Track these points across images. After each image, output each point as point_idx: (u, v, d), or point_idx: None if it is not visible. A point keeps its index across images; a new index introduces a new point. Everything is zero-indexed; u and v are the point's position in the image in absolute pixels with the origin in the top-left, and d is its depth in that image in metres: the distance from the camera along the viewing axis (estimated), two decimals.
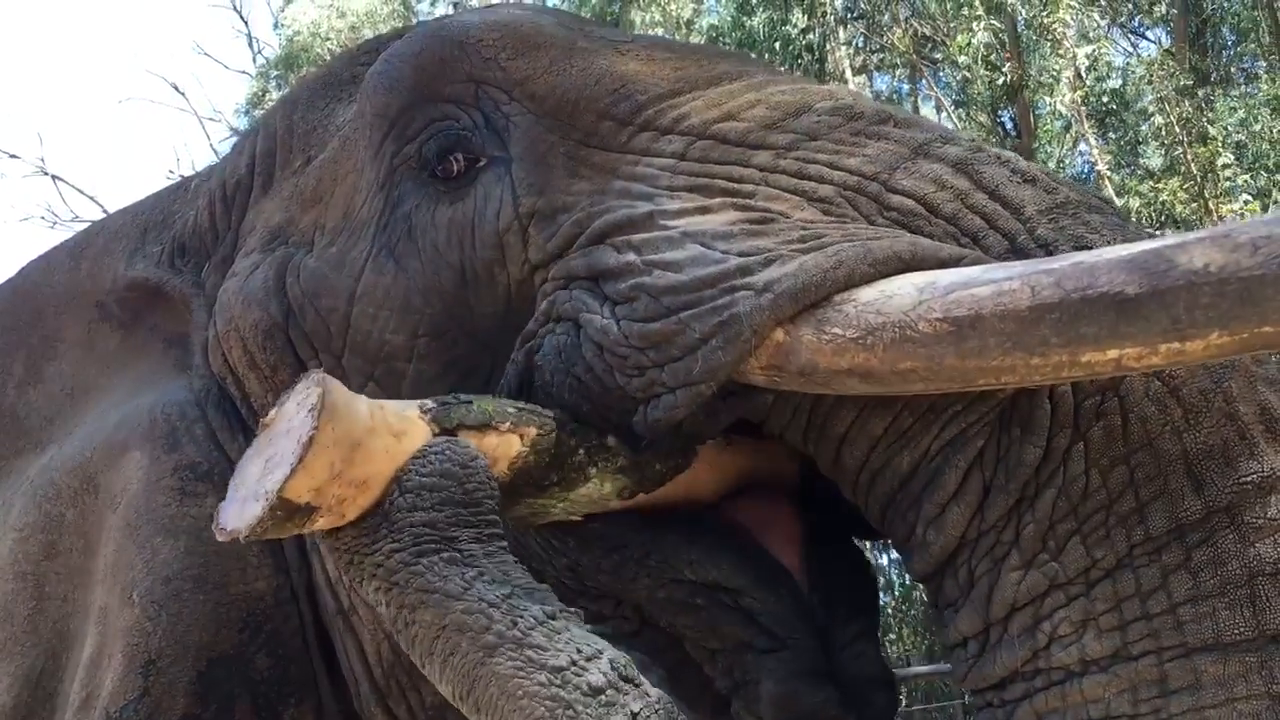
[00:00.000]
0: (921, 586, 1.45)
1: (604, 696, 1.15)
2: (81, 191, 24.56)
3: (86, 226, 2.46)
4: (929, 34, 13.86)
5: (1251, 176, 10.96)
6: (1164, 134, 11.21)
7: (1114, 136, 13.32)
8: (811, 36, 12.80)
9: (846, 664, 1.56)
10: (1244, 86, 13.43)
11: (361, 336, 1.68)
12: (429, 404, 1.33)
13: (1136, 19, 15.34)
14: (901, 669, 10.96)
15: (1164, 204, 10.93)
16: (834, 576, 1.66)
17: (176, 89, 24.52)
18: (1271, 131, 11.19)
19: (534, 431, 1.39)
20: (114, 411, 1.94)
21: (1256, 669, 1.20)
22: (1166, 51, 12.79)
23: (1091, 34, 11.50)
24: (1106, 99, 12.64)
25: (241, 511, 1.19)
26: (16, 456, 2.07)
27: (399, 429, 1.26)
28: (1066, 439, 1.29)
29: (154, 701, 1.64)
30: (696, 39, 13.38)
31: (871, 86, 15.60)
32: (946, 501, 1.34)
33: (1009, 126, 13.94)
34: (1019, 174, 1.41)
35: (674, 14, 14.19)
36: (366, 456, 1.21)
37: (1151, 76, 11.65)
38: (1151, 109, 11.69)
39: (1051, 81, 11.40)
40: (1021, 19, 11.59)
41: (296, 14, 17.35)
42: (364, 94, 1.80)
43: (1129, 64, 13.57)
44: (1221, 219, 9.99)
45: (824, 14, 12.71)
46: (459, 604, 1.20)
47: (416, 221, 1.67)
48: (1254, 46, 13.86)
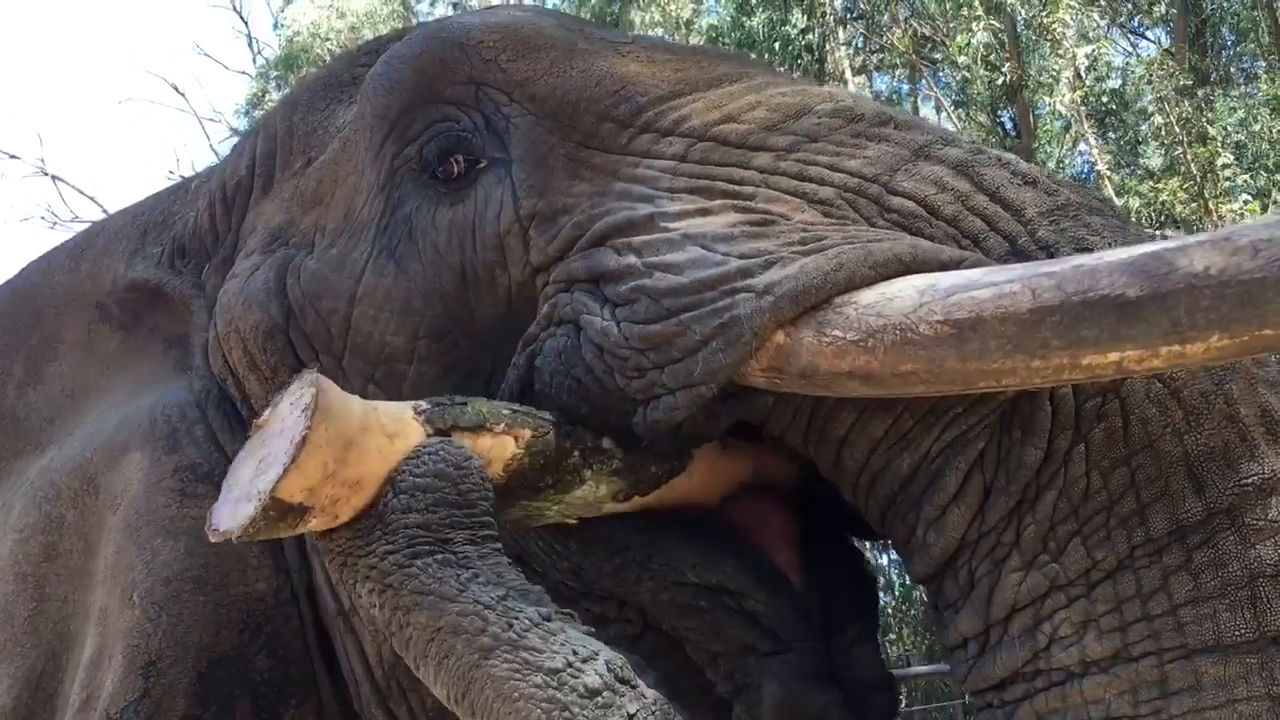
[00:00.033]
0: (922, 587, 1.45)
1: (600, 698, 1.15)
2: (81, 192, 24.51)
3: (86, 227, 2.46)
4: (928, 34, 13.84)
5: (1251, 176, 10.95)
6: (1164, 134, 11.20)
7: (1114, 136, 13.32)
8: (811, 37, 12.79)
9: (847, 666, 1.56)
10: (1244, 86, 13.42)
11: (362, 338, 1.68)
12: (423, 405, 1.32)
13: (1136, 19, 15.34)
14: (901, 669, 10.95)
15: (1164, 204, 10.93)
16: (833, 579, 1.66)
17: (176, 89, 24.43)
18: (1271, 131, 11.18)
19: (528, 433, 1.39)
20: (114, 413, 1.94)
21: (1257, 670, 1.20)
22: (1166, 51, 12.78)
23: (1091, 34, 11.49)
24: (1106, 99, 12.64)
25: (234, 512, 1.18)
26: (16, 458, 2.06)
27: (393, 429, 1.25)
28: (1067, 441, 1.29)
29: (154, 702, 1.64)
30: (696, 39, 13.37)
31: (871, 87, 15.58)
32: (947, 503, 1.34)
33: (1009, 127, 13.94)
34: (1020, 176, 1.42)
35: (673, 14, 14.18)
36: (360, 456, 1.20)
37: (1151, 76, 11.64)
38: (1151, 109, 11.69)
39: (1051, 81, 11.39)
40: (1021, 19, 11.57)
41: (296, 14, 17.33)
42: (364, 96, 1.80)
43: (1129, 64, 13.57)
44: (1221, 219, 9.99)
45: (823, 14, 12.70)
46: (454, 606, 1.19)
47: (417, 223, 1.67)
48: (1254, 46, 13.85)
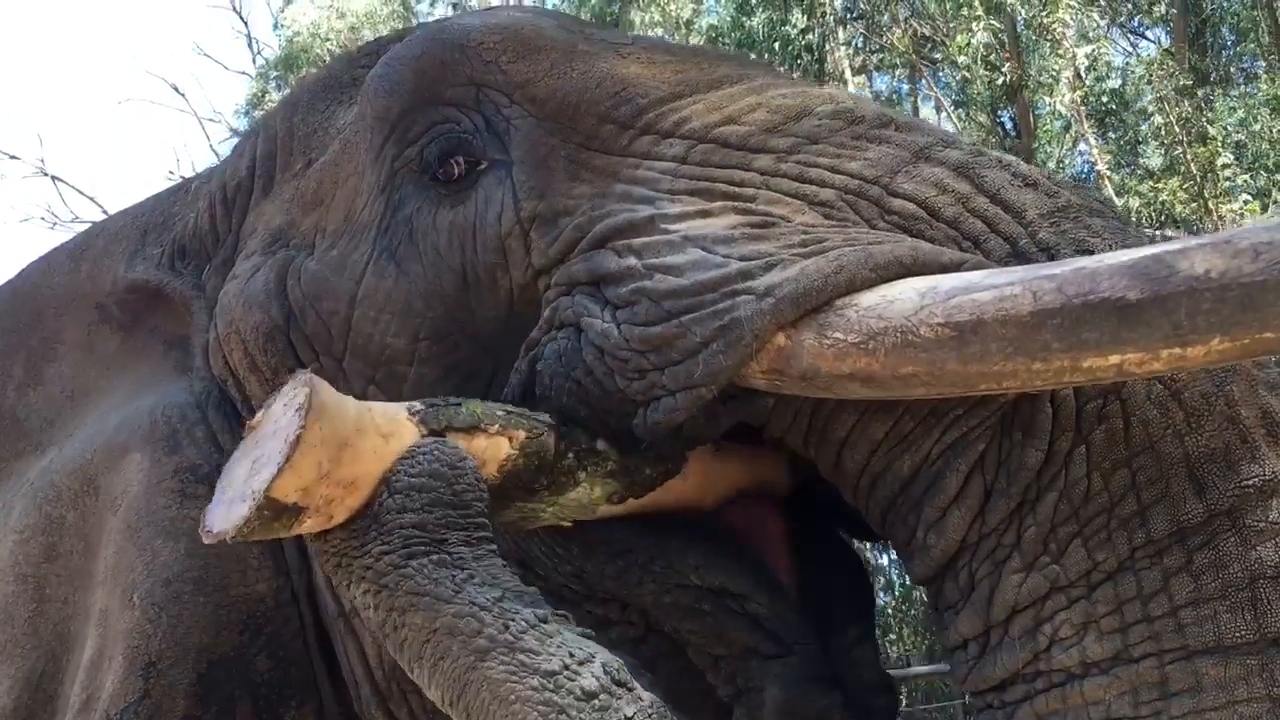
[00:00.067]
0: (922, 587, 1.45)
1: (597, 701, 1.15)
2: (81, 192, 24.51)
3: (86, 228, 2.46)
4: (928, 34, 13.83)
5: (1251, 176, 10.95)
6: (1164, 134, 11.19)
7: (1114, 136, 13.30)
8: (811, 37, 12.79)
9: (847, 669, 1.56)
10: (1244, 86, 13.41)
11: (363, 340, 1.68)
12: (417, 406, 1.32)
13: (1136, 19, 15.33)
14: (901, 669, 10.96)
15: (1164, 204, 10.92)
16: (830, 580, 1.66)
17: (176, 90, 24.28)
18: (1271, 131, 11.17)
19: (523, 434, 1.38)
20: (114, 414, 1.94)
21: (1257, 672, 1.20)
22: (1166, 51, 12.77)
23: (1091, 34, 11.48)
24: (1106, 99, 12.63)
25: (228, 512, 1.17)
26: (16, 459, 2.06)
27: (387, 430, 1.25)
28: (1068, 442, 1.29)
29: (154, 703, 1.64)
30: (696, 39, 13.37)
31: (871, 87, 15.57)
32: (947, 505, 1.34)
33: (1009, 127, 13.93)
34: (1020, 178, 1.42)
35: (673, 14, 14.18)
36: (354, 457, 1.20)
37: (1151, 76, 11.63)
38: (1151, 109, 11.68)
39: (1051, 81, 11.38)
40: (1021, 19, 11.57)
41: (296, 15, 17.32)
42: (364, 97, 1.79)
43: (1129, 64, 13.56)
44: (1221, 219, 9.99)
45: (823, 14, 12.70)
46: (450, 607, 1.18)
47: (418, 225, 1.67)
48: (1254, 46, 13.84)
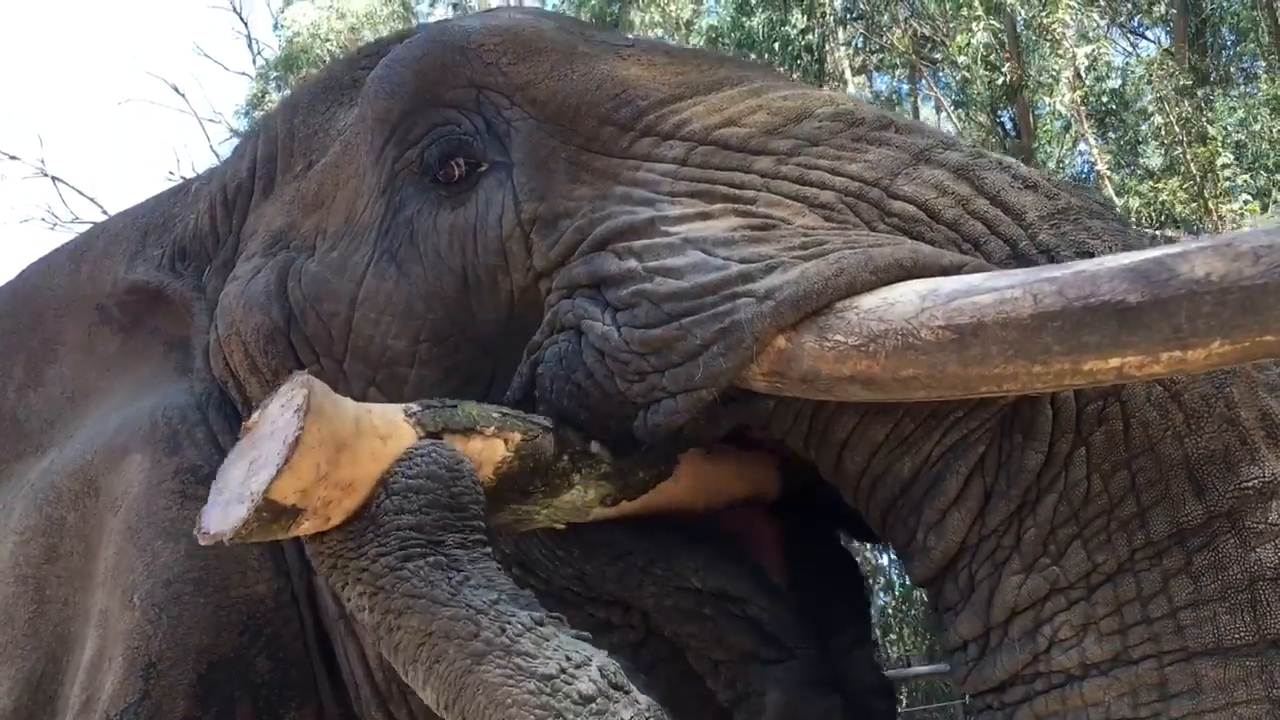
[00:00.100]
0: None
1: (594, 705, 1.14)
2: (81, 193, 24.43)
3: (86, 229, 2.46)
4: (928, 34, 13.82)
5: (1251, 176, 10.94)
6: (1164, 134, 11.19)
7: (1114, 136, 13.30)
8: (811, 37, 12.78)
9: (845, 672, 1.56)
10: (1244, 86, 13.41)
11: (363, 341, 1.68)
12: (414, 407, 1.32)
13: (1136, 19, 15.32)
14: (902, 669, 10.96)
15: (1164, 204, 10.91)
16: (826, 583, 1.66)
17: (176, 90, 24.19)
18: (1271, 131, 11.17)
19: (518, 437, 1.38)
20: (115, 415, 1.94)
21: (1256, 673, 1.20)
22: (1166, 51, 12.76)
23: (1091, 34, 11.47)
24: (1106, 99, 12.62)
25: (225, 514, 1.16)
26: (17, 460, 2.06)
27: (385, 431, 1.25)
28: (1068, 444, 1.29)
29: (154, 704, 1.64)
30: (696, 39, 13.36)
31: (871, 87, 15.57)
32: (947, 507, 1.34)
33: (1009, 127, 13.93)
34: (1020, 180, 1.42)
35: (673, 14, 14.18)
36: (352, 459, 1.20)
37: (1151, 76, 11.63)
38: (1151, 109, 11.68)
39: (1051, 81, 11.37)
40: (1021, 19, 11.56)
41: (296, 15, 17.31)
42: (365, 99, 1.80)
43: (1128, 64, 13.55)
44: (1221, 219, 9.99)
45: (823, 14, 12.69)
46: (446, 610, 1.18)
47: (418, 226, 1.67)
48: (1254, 46, 13.84)
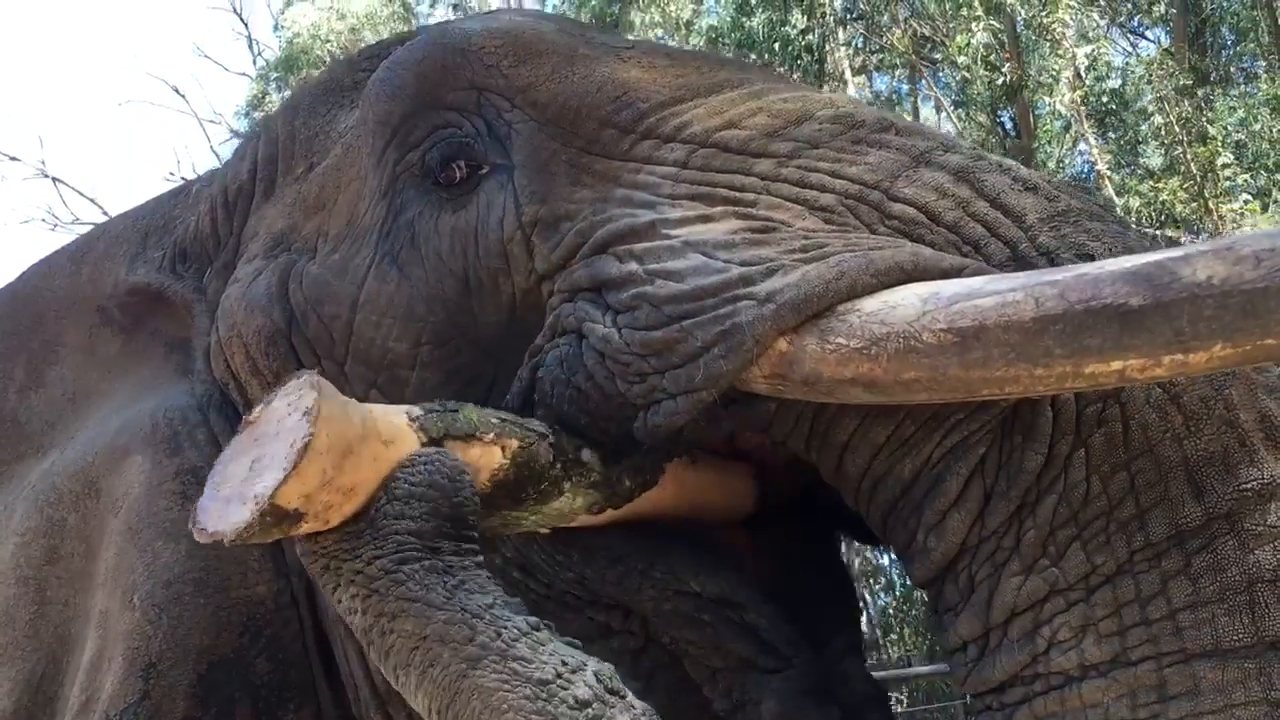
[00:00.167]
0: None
1: (590, 710, 1.14)
2: (82, 194, 24.28)
3: (87, 231, 2.46)
4: (928, 34, 13.81)
5: (1251, 176, 10.93)
6: (1164, 134, 11.18)
7: (1114, 136, 13.29)
8: (811, 37, 12.77)
9: (840, 682, 1.56)
10: (1244, 86, 13.39)
11: (364, 344, 1.68)
12: (417, 411, 1.31)
13: (1136, 19, 15.31)
14: (902, 669, 10.96)
15: (1164, 204, 10.90)
16: (817, 592, 1.66)
17: (177, 91, 24.10)
18: (1271, 131, 11.16)
19: (515, 444, 1.38)
20: (115, 416, 1.94)
21: (1255, 675, 1.20)
22: (1166, 51, 12.75)
23: (1091, 34, 11.46)
24: (1106, 99, 12.61)
25: (225, 513, 1.15)
26: (18, 461, 2.07)
27: (388, 436, 1.24)
28: (1068, 446, 1.29)
29: (154, 705, 1.64)
30: (696, 40, 13.36)
31: (871, 87, 15.56)
32: (948, 508, 1.34)
33: (1008, 127, 13.92)
34: (1020, 182, 1.42)
35: (673, 15, 14.18)
36: (356, 464, 1.19)
37: (1151, 76, 11.61)
38: (1151, 109, 11.66)
39: (1051, 81, 11.36)
40: (1021, 19, 11.55)
41: (296, 16, 17.29)
42: (366, 101, 1.80)
43: (1128, 64, 13.54)
44: (1221, 219, 9.98)
45: (823, 15, 12.68)
46: (441, 613, 1.16)
47: (419, 229, 1.67)
48: (1254, 46, 13.82)
